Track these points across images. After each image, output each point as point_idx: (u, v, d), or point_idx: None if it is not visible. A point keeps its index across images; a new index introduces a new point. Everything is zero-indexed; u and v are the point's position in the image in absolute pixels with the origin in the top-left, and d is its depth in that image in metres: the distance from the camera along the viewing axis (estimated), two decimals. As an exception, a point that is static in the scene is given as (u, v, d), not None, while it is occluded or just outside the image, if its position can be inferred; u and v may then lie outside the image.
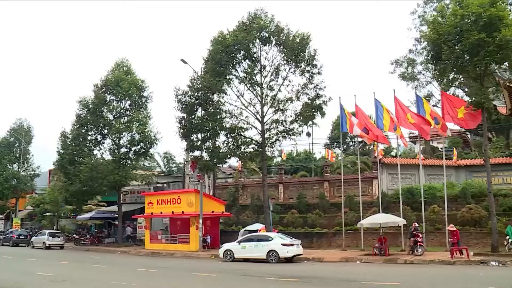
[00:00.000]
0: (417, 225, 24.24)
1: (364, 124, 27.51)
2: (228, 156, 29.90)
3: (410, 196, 29.13)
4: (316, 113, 28.82)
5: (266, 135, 28.86)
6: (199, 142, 29.70)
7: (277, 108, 28.58)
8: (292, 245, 23.29)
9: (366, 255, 24.26)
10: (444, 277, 16.61)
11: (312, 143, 51.04)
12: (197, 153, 30.84)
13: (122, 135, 37.04)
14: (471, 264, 20.16)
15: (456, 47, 22.66)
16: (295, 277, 16.70)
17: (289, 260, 23.28)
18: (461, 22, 21.96)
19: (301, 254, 23.91)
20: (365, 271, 18.66)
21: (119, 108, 37.61)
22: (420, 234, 23.71)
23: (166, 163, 63.05)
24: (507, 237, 23.08)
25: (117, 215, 38.81)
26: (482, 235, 25.37)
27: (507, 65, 24.03)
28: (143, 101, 37.98)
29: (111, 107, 37.37)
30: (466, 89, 35.24)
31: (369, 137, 28.36)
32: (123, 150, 37.39)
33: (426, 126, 26.25)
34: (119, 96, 37.14)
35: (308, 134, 48.73)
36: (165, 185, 42.86)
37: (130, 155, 37.72)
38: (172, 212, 33.00)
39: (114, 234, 40.98)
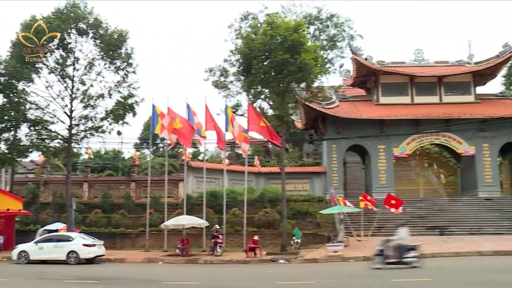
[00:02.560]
0: (218, 226, 25.59)
1: (172, 126, 28.13)
2: (30, 150, 27.61)
3: (214, 199, 30.57)
4: (127, 112, 28.36)
5: (74, 131, 27.45)
6: (-2, 133, 26.90)
7: (87, 103, 27.40)
8: (94, 245, 22.60)
9: (169, 255, 24.74)
10: (239, 275, 17.89)
11: (122, 142, 49.98)
12: (-6, 144, 27.82)
13: None
14: (264, 263, 22.07)
15: (265, 63, 24.61)
16: (95, 278, 16.30)
17: (90, 261, 22.48)
18: (270, 41, 23.98)
19: (103, 255, 23.31)
20: (166, 272, 19.09)
21: None
22: (220, 236, 25.04)
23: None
24: (294, 238, 26.10)
25: None
26: (274, 236, 27.88)
27: (305, 85, 26.97)
28: None
29: None
30: (271, 103, 38.51)
31: (176, 140, 29.04)
32: None
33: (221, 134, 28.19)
34: None
35: (119, 133, 47.60)
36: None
37: None
38: (-42, 209, 29.17)
39: None
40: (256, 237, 24.07)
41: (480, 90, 40.25)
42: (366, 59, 38.45)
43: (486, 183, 36.48)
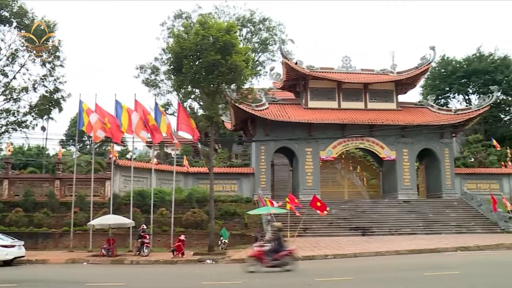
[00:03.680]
0: (145, 226, 25.22)
1: (101, 123, 27.32)
2: None
3: (141, 198, 30.07)
4: (53, 107, 27.32)
5: (-6, 125, 26.09)
6: None
7: (9, 96, 26.06)
8: (13, 246, 21.44)
9: (94, 256, 24.02)
10: (165, 275, 17.75)
11: (47, 138, 47.86)
12: None
13: None
14: (191, 263, 22.00)
15: (196, 63, 24.60)
16: (14, 281, 15.47)
17: (8, 263, 21.31)
18: (202, 41, 23.94)
19: (23, 256, 22.18)
20: (91, 272, 18.57)
21: None
22: (147, 236, 24.71)
23: None
24: (221, 238, 26.24)
25: None
26: (202, 236, 27.84)
27: (236, 86, 27.18)
28: None
29: None
30: (201, 103, 38.42)
31: (106, 134, 28.23)
32: None
33: (158, 133, 27.68)
34: None
35: (43, 129, 45.69)
36: None
37: None
38: None
39: None
40: (182, 237, 23.94)
41: (401, 98, 42.42)
42: (296, 63, 39.31)
43: (405, 186, 38.57)
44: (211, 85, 25.04)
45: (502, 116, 57.68)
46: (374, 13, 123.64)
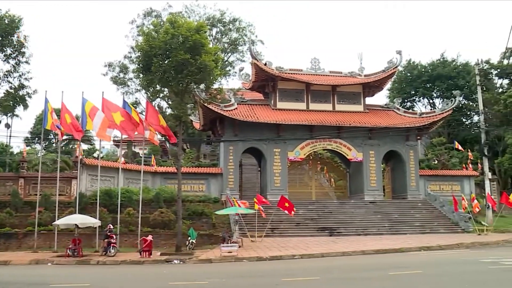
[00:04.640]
0: (111, 226, 24.84)
1: (65, 121, 26.69)
2: None
3: (108, 198, 29.58)
4: (18, 104, 26.66)
5: (-47, 121, 25.24)
6: None
7: (-30, 92, 25.36)
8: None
9: (59, 256, 23.49)
10: (132, 275, 17.59)
11: (11, 136, 46.63)
12: None
13: None
14: (158, 263, 21.84)
15: (165, 62, 24.43)
16: (-27, 282, 15.12)
17: (-32, 264, 20.76)
18: (171, 40, 23.81)
19: (-17, 257, 21.63)
20: (56, 273, 18.22)
21: None
22: (114, 236, 24.38)
23: None
24: (189, 238, 26.10)
25: None
26: (169, 236, 27.61)
27: (205, 86, 27.13)
28: None
29: None
30: (169, 102, 38.16)
31: (67, 131, 27.57)
32: None
33: (131, 130, 27.25)
34: None
35: (7, 126, 44.50)
36: None
37: None
38: None
39: None
40: (149, 237, 23.74)
41: (368, 100, 43.15)
42: (265, 64, 39.45)
43: (371, 187, 39.22)
44: (180, 85, 24.91)
45: (464, 120, 59.50)
46: (344, 16, 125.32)
